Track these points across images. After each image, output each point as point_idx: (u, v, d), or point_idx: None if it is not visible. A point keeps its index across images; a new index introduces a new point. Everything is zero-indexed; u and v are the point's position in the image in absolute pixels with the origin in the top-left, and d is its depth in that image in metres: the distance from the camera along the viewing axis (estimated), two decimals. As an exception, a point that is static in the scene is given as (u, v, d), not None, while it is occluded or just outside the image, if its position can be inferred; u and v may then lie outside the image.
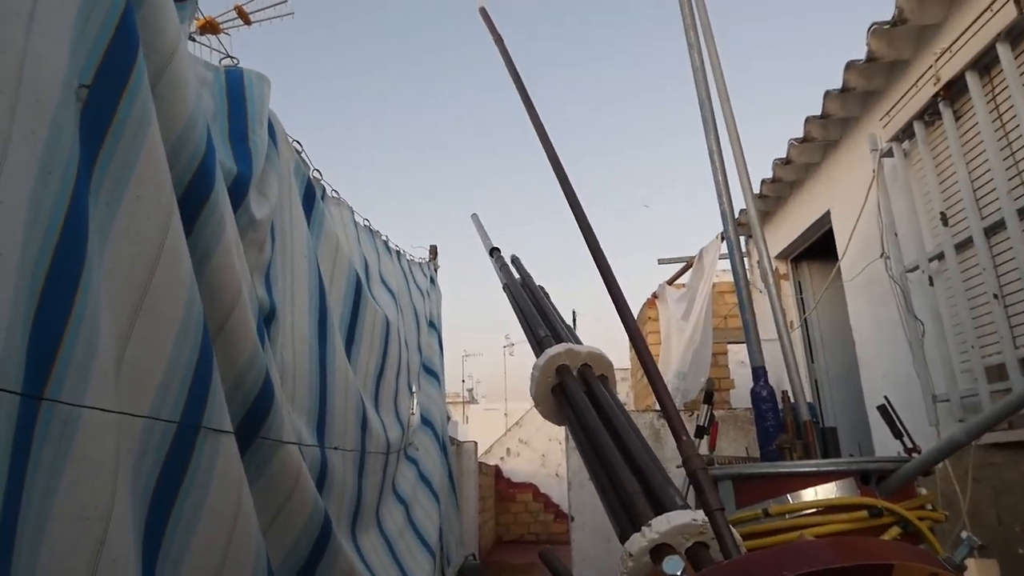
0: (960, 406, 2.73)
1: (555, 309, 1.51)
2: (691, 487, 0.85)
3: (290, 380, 1.48)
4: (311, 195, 1.99)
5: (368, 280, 2.42)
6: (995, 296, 2.50)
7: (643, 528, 0.69)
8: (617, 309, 1.27)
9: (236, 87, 1.64)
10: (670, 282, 6.85)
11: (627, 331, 1.24)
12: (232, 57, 1.86)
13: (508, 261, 1.87)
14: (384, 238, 3.17)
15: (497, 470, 10.56)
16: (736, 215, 3.08)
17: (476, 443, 7.59)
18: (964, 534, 1.18)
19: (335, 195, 2.44)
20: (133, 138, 0.91)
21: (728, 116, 2.85)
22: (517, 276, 1.76)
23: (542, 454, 10.96)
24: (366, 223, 2.82)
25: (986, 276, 2.55)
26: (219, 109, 1.55)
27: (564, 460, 6.02)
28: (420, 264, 3.94)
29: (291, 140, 2.01)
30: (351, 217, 2.54)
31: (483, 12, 2.41)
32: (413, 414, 2.71)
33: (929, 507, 1.54)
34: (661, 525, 0.68)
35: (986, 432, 1.80)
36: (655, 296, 7.14)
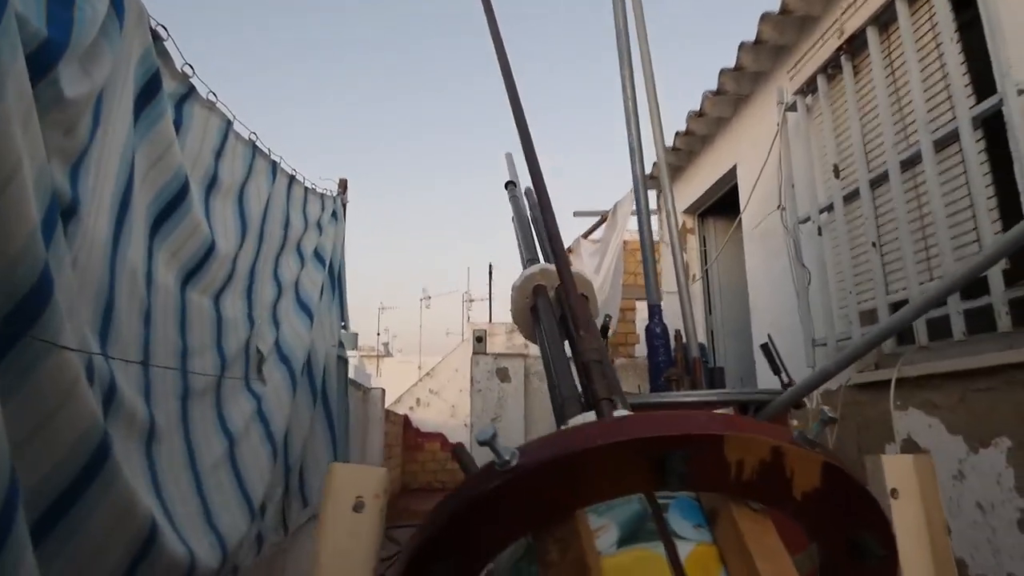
0: (836, 348, 2.90)
1: (554, 239, 1.54)
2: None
3: (79, 281, 1.31)
4: (153, 88, 1.78)
5: (211, 195, 2.21)
6: (873, 244, 2.63)
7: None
8: (549, 235, 1.25)
9: None
10: (585, 236, 6.92)
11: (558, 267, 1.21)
12: None
13: (521, 194, 1.95)
14: (276, 159, 2.95)
15: (405, 419, 10.53)
16: (647, 168, 3.10)
17: (384, 390, 7.50)
18: (822, 408, 1.22)
19: (211, 98, 2.22)
20: None
21: (644, 50, 2.82)
22: (527, 209, 1.84)
23: (452, 404, 11.01)
24: (252, 136, 2.61)
25: (867, 226, 2.68)
26: None
27: (470, 406, 6.06)
28: (323, 195, 3.73)
29: (153, 23, 1.79)
30: (221, 126, 2.32)
31: None
32: (258, 349, 2.49)
33: (797, 434, 1.61)
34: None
35: (851, 363, 1.89)
36: (570, 250, 7.20)
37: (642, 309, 7.34)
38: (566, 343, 1.00)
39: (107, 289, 1.47)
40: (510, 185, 2.06)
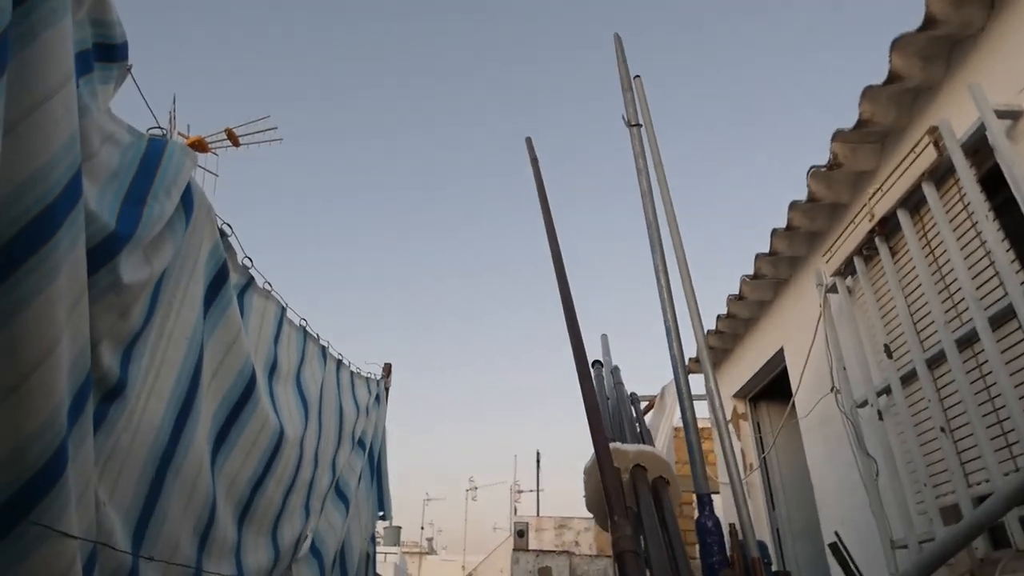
0: (919, 551, 2.53)
1: (635, 418, 1.54)
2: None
3: (117, 466, 1.28)
4: (221, 280, 1.90)
5: (273, 383, 2.24)
6: (942, 429, 2.41)
7: None
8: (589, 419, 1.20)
9: (153, 155, 1.62)
10: (633, 422, 6.68)
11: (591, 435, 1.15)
12: (208, 171, 1.88)
13: (608, 373, 2.04)
14: (324, 344, 3.04)
15: (445, 629, 9.55)
16: (681, 340, 3.05)
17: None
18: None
19: (267, 287, 2.35)
20: None
21: (676, 240, 2.90)
22: (611, 388, 1.89)
23: (496, 611, 10.00)
24: (303, 323, 2.71)
25: (932, 409, 2.48)
26: (124, 169, 1.51)
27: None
28: (367, 379, 3.77)
29: (219, 222, 1.96)
30: (278, 314, 2.43)
31: (528, 142, 2.76)
32: (307, 537, 2.38)
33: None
34: None
35: (937, 567, 1.63)
36: (618, 436, 6.92)
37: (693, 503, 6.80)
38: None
39: (152, 477, 1.42)
40: (596, 365, 2.14)
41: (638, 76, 3.43)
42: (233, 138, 10.28)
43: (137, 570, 1.29)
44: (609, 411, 1.42)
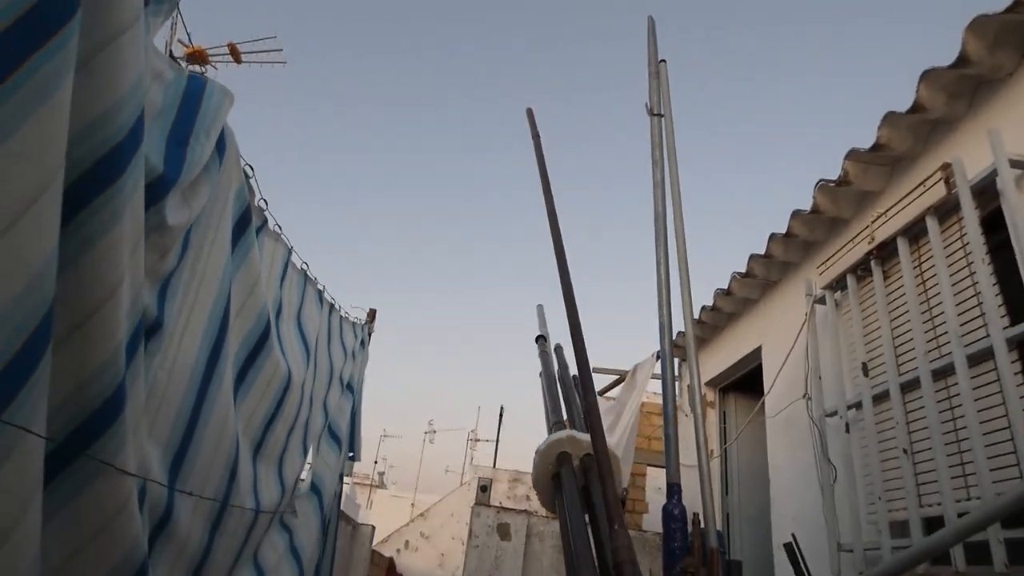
0: (863, 558, 2.72)
1: (580, 404, 1.50)
2: None
3: (156, 403, 1.32)
4: (245, 222, 1.91)
5: (279, 323, 2.27)
6: (905, 451, 2.56)
7: None
8: (588, 410, 1.23)
9: (194, 92, 1.60)
10: (601, 393, 6.85)
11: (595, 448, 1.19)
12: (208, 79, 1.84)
13: (551, 350, 1.93)
14: (320, 287, 3.06)
15: (391, 562, 9.88)
16: (674, 335, 3.14)
17: (373, 527, 7.13)
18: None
19: (277, 229, 2.36)
20: (31, 95, 0.85)
21: (679, 234, 2.96)
22: (556, 365, 1.82)
23: (442, 552, 10.36)
24: (304, 266, 2.73)
25: (898, 431, 2.62)
26: (168, 107, 1.50)
27: (464, 562, 5.69)
28: (354, 323, 3.80)
29: (243, 162, 1.95)
30: (285, 256, 2.44)
31: (529, 113, 2.63)
32: (302, 479, 2.46)
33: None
34: None
35: (887, 583, 1.77)
36: (584, 404, 7.10)
37: (653, 476, 7.08)
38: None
39: (189, 413, 1.46)
40: (540, 340, 2.04)
41: (663, 61, 3.41)
42: (236, 53, 9.89)
43: (173, 503, 1.35)
44: (558, 390, 1.47)
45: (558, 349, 1.97)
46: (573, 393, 1.50)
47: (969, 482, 2.27)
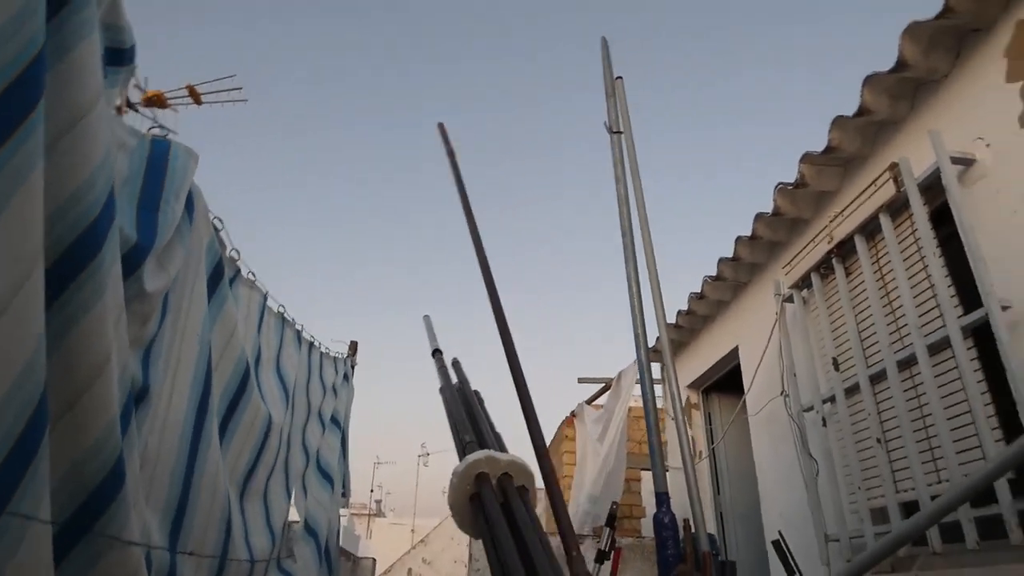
0: (849, 546, 2.81)
1: (487, 417, 1.51)
2: None
3: (150, 469, 1.34)
4: (218, 275, 1.95)
5: (258, 370, 2.30)
6: (878, 440, 2.66)
7: None
8: (527, 425, 1.28)
9: (159, 157, 1.64)
10: (589, 402, 6.92)
11: (534, 446, 1.25)
12: (167, 129, 1.88)
13: (449, 364, 1.87)
14: (299, 328, 3.10)
15: (394, 590, 9.81)
16: (651, 343, 3.23)
17: (375, 560, 7.10)
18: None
19: (251, 277, 2.40)
20: (4, 184, 0.89)
21: (648, 247, 3.05)
22: (455, 380, 1.76)
23: None
24: (281, 309, 2.77)
25: (871, 421, 2.72)
26: (134, 174, 1.54)
27: (465, 582, 5.69)
28: (336, 359, 3.83)
29: (212, 217, 2.00)
30: (260, 301, 2.48)
31: (440, 128, 2.59)
32: (296, 522, 2.48)
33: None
34: None
35: (868, 570, 1.85)
36: (573, 415, 7.16)
37: (648, 479, 7.14)
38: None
39: (183, 474, 1.48)
40: (437, 354, 1.83)
41: (620, 78, 3.52)
42: (195, 95, 9.86)
43: (175, 566, 1.37)
44: (462, 407, 1.46)
45: (456, 363, 1.90)
46: (478, 409, 1.50)
47: (939, 466, 2.37)
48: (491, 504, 1.02)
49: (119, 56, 1.54)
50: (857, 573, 2.14)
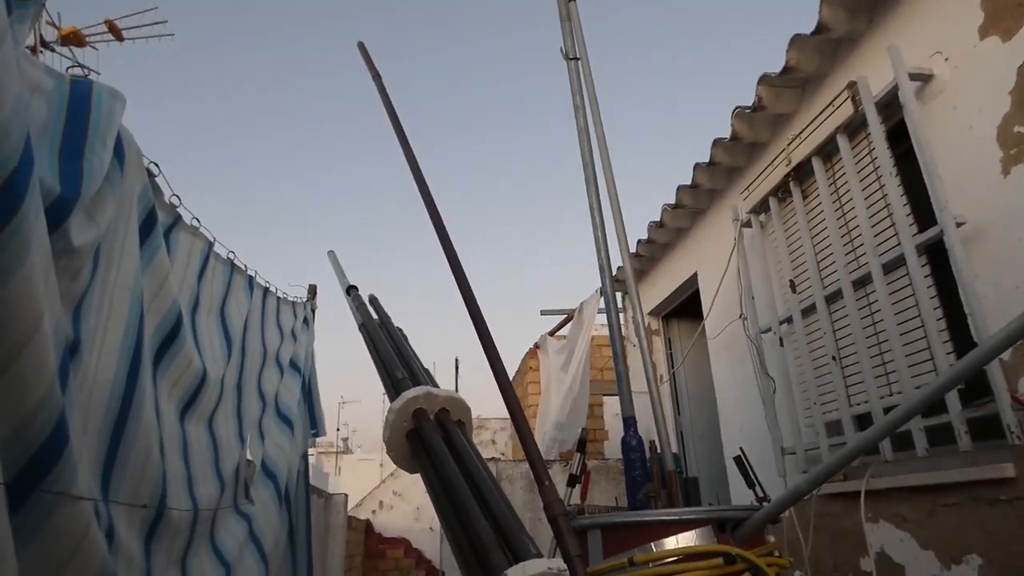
0: (804, 458, 2.95)
1: (414, 352, 1.48)
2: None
3: (80, 423, 1.31)
4: (151, 224, 1.84)
5: (196, 318, 2.23)
6: (833, 358, 2.75)
7: None
8: (487, 356, 1.26)
9: (81, 100, 1.50)
10: (551, 333, 7.01)
11: (496, 378, 1.24)
12: (88, 68, 1.71)
13: (366, 300, 1.81)
14: (251, 274, 2.99)
15: (368, 525, 10.06)
16: (614, 271, 3.23)
17: (346, 496, 7.21)
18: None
19: (195, 223, 2.27)
20: None
21: (608, 176, 2.99)
22: (375, 316, 1.71)
23: (416, 507, 10.60)
24: (230, 255, 2.65)
25: (826, 340, 2.81)
26: (54, 120, 1.41)
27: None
28: (294, 303, 3.74)
29: (147, 162, 1.86)
30: (204, 248, 2.37)
31: (361, 47, 2.41)
32: (250, 462, 2.48)
33: (776, 553, 1.63)
34: (516, 574, 0.67)
35: (824, 482, 1.93)
36: (537, 346, 7.26)
37: (610, 404, 7.36)
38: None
39: (112, 428, 1.45)
40: (353, 290, 1.81)
41: (573, 1, 3.36)
42: (115, 31, 9.05)
43: (110, 515, 1.35)
44: (388, 343, 1.46)
45: (373, 299, 1.86)
46: (405, 346, 1.48)
47: (891, 379, 2.47)
48: (434, 438, 1.01)
49: None
50: (816, 483, 2.25)
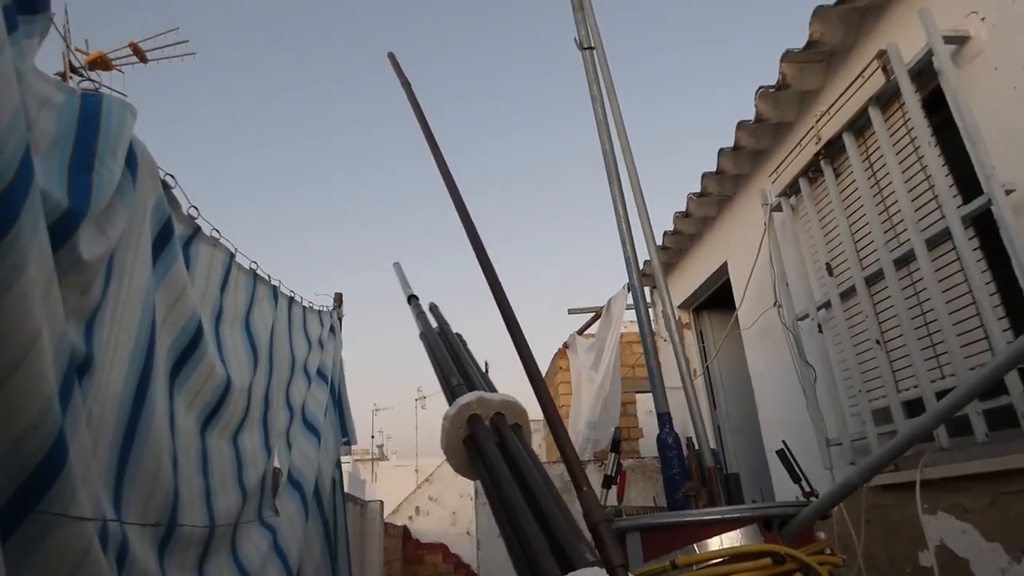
0: (851, 449, 2.81)
1: (472, 357, 1.48)
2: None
3: (93, 440, 1.28)
4: (166, 236, 1.82)
5: (220, 329, 2.21)
6: (877, 342, 2.62)
7: None
8: (521, 358, 1.21)
9: (91, 113, 1.47)
10: (580, 332, 6.91)
11: (531, 381, 1.18)
12: (116, 92, 1.70)
13: (426, 309, 1.81)
14: (275, 283, 2.97)
15: (405, 531, 10.06)
16: (640, 265, 3.14)
17: (382, 503, 7.22)
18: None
19: (215, 235, 2.25)
20: None
21: (630, 167, 2.90)
22: (435, 324, 1.70)
23: (453, 511, 10.57)
24: (253, 265, 2.63)
25: (869, 323, 2.67)
26: (64, 134, 1.39)
27: (475, 517, 5.79)
28: (320, 312, 3.73)
29: (162, 174, 1.84)
30: (225, 260, 2.35)
31: (391, 57, 2.41)
32: (277, 469, 2.45)
33: (828, 551, 1.53)
34: None
35: (877, 473, 1.82)
36: (566, 346, 7.17)
37: (643, 401, 7.23)
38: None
39: (121, 443, 1.42)
40: (413, 300, 1.84)
41: (588, -11, 3.28)
42: (139, 53, 9.25)
43: (125, 536, 1.32)
44: (445, 351, 1.44)
45: (433, 308, 1.87)
46: (463, 352, 1.46)
47: (942, 361, 2.34)
48: (488, 444, 0.97)
49: (32, 2, 1.35)
50: (868, 475, 2.13)
